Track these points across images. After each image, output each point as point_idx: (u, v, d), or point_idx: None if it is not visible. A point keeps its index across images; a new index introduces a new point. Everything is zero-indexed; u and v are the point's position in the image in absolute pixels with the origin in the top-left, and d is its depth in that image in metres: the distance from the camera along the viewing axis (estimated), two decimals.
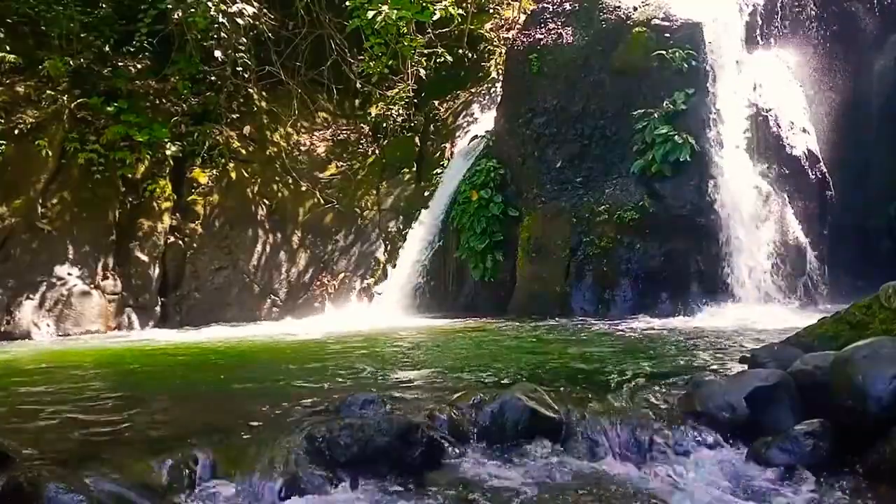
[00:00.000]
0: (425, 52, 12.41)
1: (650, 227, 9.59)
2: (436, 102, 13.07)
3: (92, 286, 10.50)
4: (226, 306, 11.30)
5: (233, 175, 11.91)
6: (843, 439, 3.31)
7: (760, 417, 3.55)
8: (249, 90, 12.36)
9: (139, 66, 11.59)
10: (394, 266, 11.37)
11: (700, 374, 4.27)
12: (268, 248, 11.73)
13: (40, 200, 10.48)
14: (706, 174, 9.51)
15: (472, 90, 13.02)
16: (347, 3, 11.06)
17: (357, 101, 13.29)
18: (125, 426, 4.10)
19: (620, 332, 7.68)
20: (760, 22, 10.29)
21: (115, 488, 2.90)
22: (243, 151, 12.16)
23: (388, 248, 11.90)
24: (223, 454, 3.23)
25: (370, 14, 10.64)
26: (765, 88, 9.89)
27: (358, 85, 12.77)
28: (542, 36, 10.97)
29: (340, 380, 5.36)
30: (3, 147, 10.16)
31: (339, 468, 3.21)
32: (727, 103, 9.72)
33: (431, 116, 12.98)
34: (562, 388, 4.32)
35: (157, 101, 11.74)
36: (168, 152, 11.35)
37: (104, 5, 11.45)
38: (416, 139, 12.88)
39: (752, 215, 9.39)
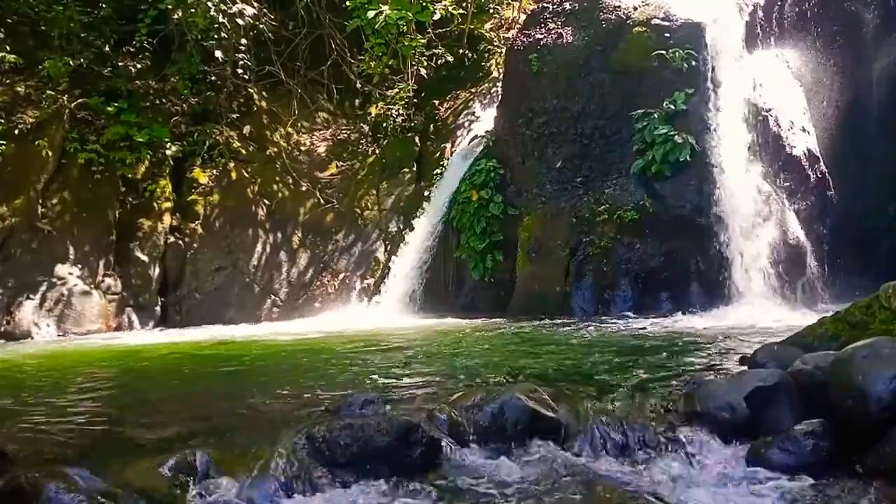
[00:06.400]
0: (425, 52, 12.40)
1: (650, 227, 9.59)
2: (436, 102, 13.07)
3: (92, 286, 10.50)
4: (226, 306, 11.30)
5: (233, 175, 11.91)
6: (843, 439, 3.32)
7: (760, 417, 3.55)
8: (249, 90, 12.37)
9: (139, 66, 11.59)
10: (394, 266, 11.37)
11: (700, 374, 4.27)
12: (268, 248, 11.73)
13: (40, 200, 10.49)
14: (706, 174, 9.51)
15: (473, 90, 13.02)
16: (347, 3, 11.06)
17: (357, 101, 13.28)
18: (125, 426, 4.10)
19: (620, 332, 7.68)
20: (760, 22, 10.29)
21: (115, 488, 2.89)
22: (243, 151, 12.16)
23: (388, 248, 11.90)
24: (223, 454, 3.23)
25: (370, 14, 10.63)
26: (765, 88, 9.89)
27: (358, 85, 12.77)
28: (542, 36, 10.96)
29: (340, 380, 5.36)
30: (3, 147, 10.17)
31: (339, 468, 3.21)
32: (727, 103, 9.71)
33: (431, 116, 12.97)
34: (562, 388, 4.32)
35: (157, 101, 11.75)
36: (168, 152, 11.36)
37: (104, 5, 11.45)
38: (416, 139, 12.87)
39: (752, 215, 9.38)
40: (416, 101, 12.95)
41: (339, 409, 3.80)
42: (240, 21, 11.48)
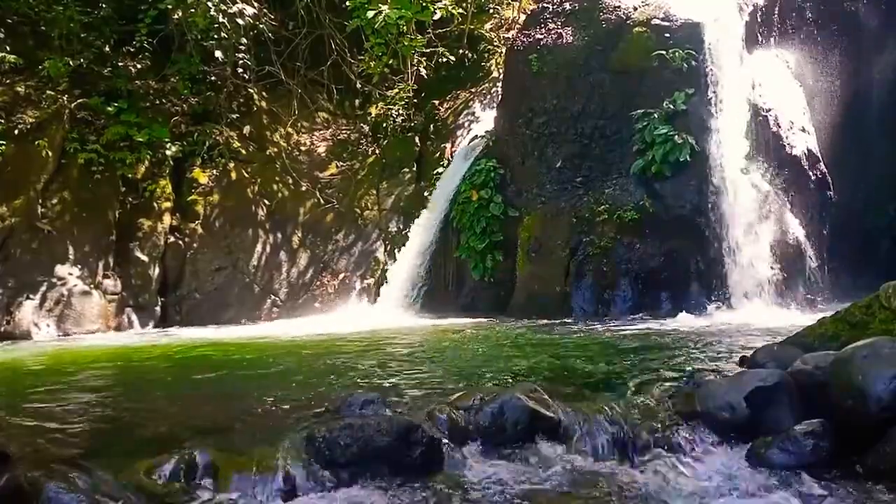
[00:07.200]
0: (425, 52, 12.41)
1: (650, 227, 9.59)
2: (436, 102, 13.07)
3: (92, 286, 10.50)
4: (226, 306, 11.30)
5: (233, 175, 11.91)
6: (843, 439, 3.32)
7: (760, 417, 3.55)
8: (249, 90, 12.36)
9: (139, 66, 11.59)
10: (394, 266, 11.37)
11: (700, 374, 4.27)
12: (268, 248, 11.73)
13: (40, 200, 10.49)
14: (706, 174, 9.51)
15: (473, 90, 13.02)
16: (347, 3, 11.05)
17: (357, 101, 13.28)
18: (125, 426, 4.11)
19: (620, 332, 7.68)
20: (760, 22, 10.29)
21: (115, 488, 2.89)
22: (243, 151, 12.16)
23: (388, 248, 11.90)
24: (223, 454, 3.23)
25: (370, 14, 10.63)
26: (765, 88, 9.89)
27: (358, 85, 12.77)
28: (542, 36, 10.97)
29: (340, 380, 5.36)
30: (3, 147, 10.16)
31: (339, 468, 3.21)
32: (727, 103, 9.71)
33: (431, 116, 12.97)
34: (562, 388, 4.32)
35: (157, 101, 11.74)
36: (168, 152, 11.35)
37: (104, 5, 11.44)
38: (416, 139, 12.88)
39: (752, 215, 9.38)
40: (416, 101, 12.95)
41: (339, 409, 3.80)
42: (240, 21, 11.47)
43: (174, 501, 2.96)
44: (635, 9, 10.45)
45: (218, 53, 11.69)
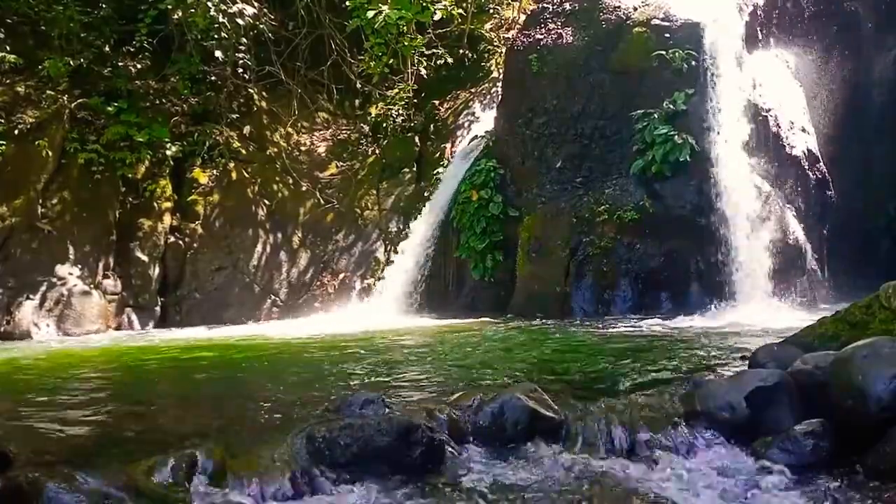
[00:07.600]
0: (425, 52, 12.41)
1: (650, 227, 9.59)
2: (436, 102, 13.07)
3: (92, 286, 10.50)
4: (226, 306, 11.31)
5: (233, 175, 11.92)
6: (843, 439, 3.32)
7: (760, 417, 3.55)
8: (249, 90, 12.38)
9: (139, 66, 11.61)
10: (394, 266, 11.37)
11: (700, 374, 4.27)
12: (268, 248, 11.74)
13: (40, 200, 10.50)
14: (706, 174, 9.51)
15: (473, 90, 13.03)
16: (347, 3, 11.06)
17: (357, 101, 13.29)
18: (125, 426, 4.10)
19: (620, 333, 7.68)
20: (760, 22, 10.29)
21: (115, 488, 2.89)
22: (243, 151, 12.17)
23: (388, 248, 11.90)
24: (223, 454, 3.23)
25: (370, 14, 10.64)
26: (765, 88, 9.89)
27: (358, 85, 12.78)
28: (542, 36, 10.97)
29: (340, 380, 5.36)
30: (3, 147, 10.18)
31: (338, 468, 3.21)
32: (727, 103, 9.71)
33: (431, 116, 12.98)
34: (561, 388, 4.32)
35: (157, 101, 11.76)
36: (168, 152, 11.37)
37: (104, 5, 11.46)
38: (416, 139, 12.88)
39: (752, 215, 9.38)
40: (416, 101, 12.96)
41: (339, 409, 3.79)
42: (240, 21, 11.49)
43: (174, 502, 2.96)
44: (635, 9, 10.45)
45: (218, 53, 11.70)
